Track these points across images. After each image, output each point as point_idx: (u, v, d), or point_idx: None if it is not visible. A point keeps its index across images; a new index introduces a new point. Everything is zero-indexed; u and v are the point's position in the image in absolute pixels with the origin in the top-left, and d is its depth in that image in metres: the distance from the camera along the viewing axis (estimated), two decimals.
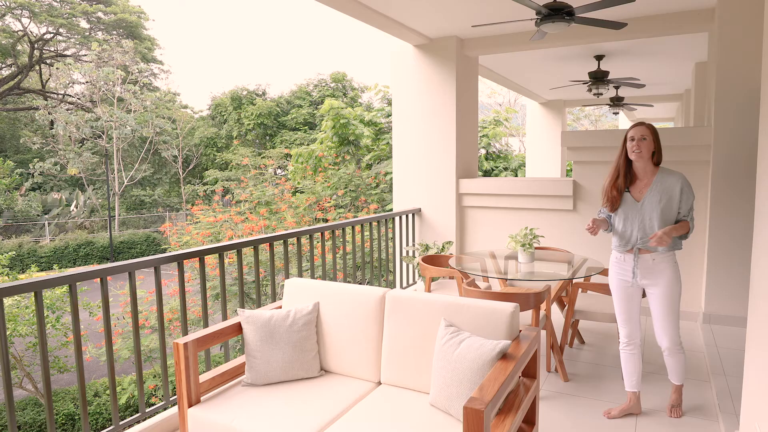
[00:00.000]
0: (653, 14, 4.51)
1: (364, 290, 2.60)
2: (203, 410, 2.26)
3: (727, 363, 3.54)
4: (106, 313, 2.54)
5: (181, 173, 26.45)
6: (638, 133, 2.69)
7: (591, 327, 4.44)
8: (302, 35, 67.88)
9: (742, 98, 4.06)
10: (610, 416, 2.92)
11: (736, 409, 2.86)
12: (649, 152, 2.69)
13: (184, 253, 2.97)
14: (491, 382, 1.82)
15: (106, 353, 2.58)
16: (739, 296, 4.20)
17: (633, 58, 6.58)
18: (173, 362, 7.06)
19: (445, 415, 2.16)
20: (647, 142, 2.67)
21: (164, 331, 2.87)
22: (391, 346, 2.46)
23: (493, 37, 5.23)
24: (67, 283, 2.36)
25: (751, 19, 4.00)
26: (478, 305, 2.30)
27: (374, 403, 2.30)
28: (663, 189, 2.68)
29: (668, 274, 2.73)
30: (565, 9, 3.57)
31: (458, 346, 2.14)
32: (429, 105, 5.45)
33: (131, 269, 2.66)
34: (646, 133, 2.68)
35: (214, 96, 28.47)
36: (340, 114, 12.01)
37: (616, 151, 2.82)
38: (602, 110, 26.90)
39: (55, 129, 22.94)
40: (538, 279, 3.45)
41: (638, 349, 2.91)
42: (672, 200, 2.67)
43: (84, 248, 20.36)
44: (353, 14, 4.49)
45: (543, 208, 5.12)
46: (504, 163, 13.00)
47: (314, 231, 4.01)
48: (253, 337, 2.49)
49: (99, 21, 27.51)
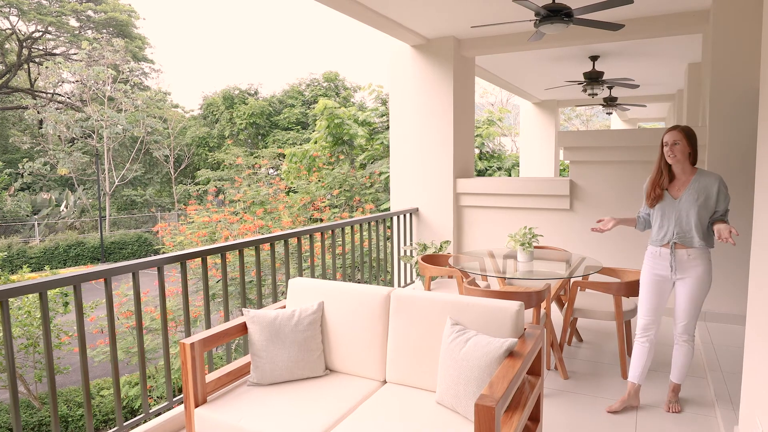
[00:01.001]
0: (649, 15, 4.56)
1: (368, 289, 2.61)
2: (210, 410, 2.26)
3: (723, 360, 3.59)
4: (110, 314, 2.53)
5: (173, 173, 26.29)
6: (671, 138, 2.80)
7: (588, 325, 4.48)
8: (294, 35, 67.72)
9: (736, 99, 4.12)
10: (611, 410, 2.99)
11: (733, 404, 2.91)
12: (684, 155, 2.80)
13: (187, 253, 2.96)
14: (501, 379, 1.84)
15: (111, 353, 2.58)
16: (734, 294, 4.26)
17: (627, 58, 6.64)
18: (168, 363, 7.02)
19: (452, 413, 2.18)
20: (680, 146, 2.79)
21: (167, 332, 2.86)
22: (397, 344, 2.48)
23: (490, 37, 5.26)
24: (72, 284, 2.35)
25: (745, 21, 4.05)
26: (484, 304, 2.32)
27: (381, 401, 2.31)
28: (700, 188, 2.79)
29: (700, 271, 2.82)
30: (563, 10, 3.61)
31: (465, 344, 2.16)
32: (426, 105, 5.48)
33: (135, 269, 2.65)
34: (678, 137, 2.79)
35: (206, 95, 28.34)
36: (334, 114, 12.02)
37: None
38: (593, 110, 27.11)
39: (45, 128, 22.70)
40: (538, 278, 3.49)
41: (652, 344, 2.98)
42: (709, 199, 2.77)
43: (74, 249, 20.18)
44: (352, 14, 4.50)
45: (540, 207, 5.16)
46: (497, 163, 13.07)
47: (315, 231, 4.02)
48: (258, 337, 2.50)
49: (89, 19, 27.28)
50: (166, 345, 2.86)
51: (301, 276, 3.81)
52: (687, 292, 2.86)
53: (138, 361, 2.79)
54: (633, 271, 3.68)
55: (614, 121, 14.69)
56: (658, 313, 2.99)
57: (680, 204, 2.82)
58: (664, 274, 2.92)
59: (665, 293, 2.97)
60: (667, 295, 2.98)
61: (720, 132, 4.19)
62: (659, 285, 2.95)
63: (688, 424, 2.86)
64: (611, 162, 4.83)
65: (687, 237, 2.81)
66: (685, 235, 2.82)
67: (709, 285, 2.87)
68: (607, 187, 4.87)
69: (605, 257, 4.82)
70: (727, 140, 4.15)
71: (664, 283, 2.94)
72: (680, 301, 2.90)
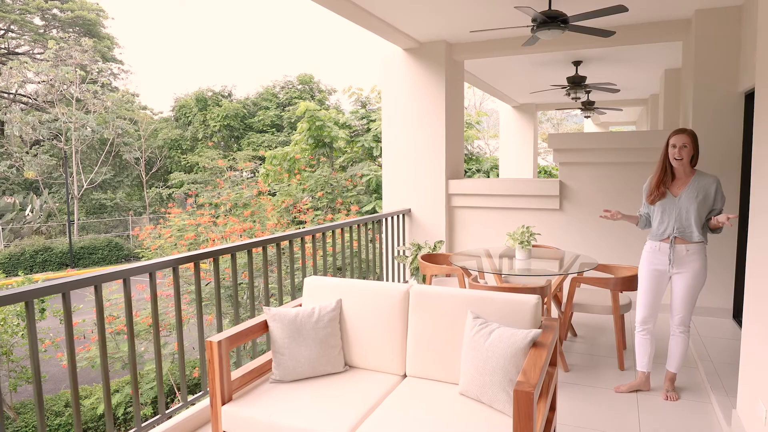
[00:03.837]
0: (634, 23, 4.77)
1: (387, 286, 2.67)
2: (238, 407, 2.28)
3: (712, 351, 3.80)
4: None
5: (144, 176, 25.73)
6: (680, 141, 2.96)
7: (581, 320, 4.64)
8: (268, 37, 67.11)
9: (718, 103, 4.36)
10: (619, 390, 3.20)
11: (727, 391, 3.08)
12: (689, 158, 2.97)
13: (201, 252, 2.97)
14: (532, 367, 1.93)
15: (129, 356, 2.56)
16: (717, 289, 4.50)
17: (607, 64, 6.90)
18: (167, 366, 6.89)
19: (476, 403, 2.26)
20: (688, 149, 2.95)
21: (182, 332, 2.86)
22: (416, 339, 2.55)
23: (481, 42, 5.39)
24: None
25: (725, 30, 4.30)
26: (503, 297, 2.41)
27: (404, 394, 2.37)
28: (699, 187, 2.97)
29: (697, 266, 3.00)
30: (560, 17, 3.75)
31: (489, 336, 2.24)
32: (419, 108, 5.57)
33: (152, 269, 2.65)
34: (686, 141, 2.95)
35: (178, 97, 27.83)
36: (315, 116, 12.02)
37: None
38: (564, 113, 27.80)
39: (11, 130, 21.88)
40: (541, 274, 3.61)
41: (652, 335, 3.17)
42: (708, 197, 2.95)
43: (41, 254, 19.55)
44: (348, 16, 4.54)
45: (530, 207, 5.31)
46: (476, 165, 13.30)
47: (316, 231, 4.06)
48: (280, 335, 2.53)
49: (54, 18, 26.48)
50: (182, 347, 2.85)
51: (292, 277, 3.83)
52: (684, 286, 3.03)
53: (155, 361, 2.78)
54: (627, 267, 3.85)
55: (587, 124, 15.12)
56: (656, 306, 3.16)
57: (680, 201, 3.00)
58: (662, 268, 3.09)
59: (663, 287, 3.14)
60: (664, 288, 3.14)
61: (703, 135, 4.41)
62: (657, 279, 3.12)
63: (686, 411, 3.01)
64: (599, 163, 5.02)
65: (686, 232, 2.98)
66: (684, 230, 2.99)
67: (704, 279, 3.04)
68: (595, 187, 5.06)
69: (594, 255, 4.99)
70: (711, 142, 4.38)
71: (662, 277, 3.11)
72: (677, 294, 3.07)
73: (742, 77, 4.17)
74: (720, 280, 4.48)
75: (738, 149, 4.36)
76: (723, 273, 4.48)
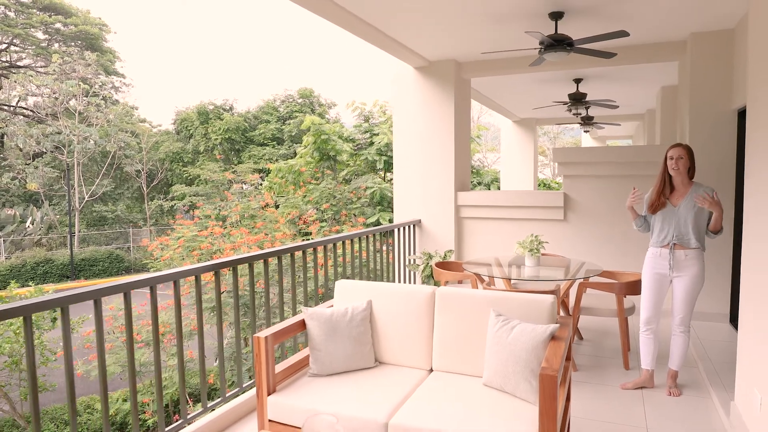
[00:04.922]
0: (633, 45, 5.08)
1: (414, 288, 2.91)
2: (283, 397, 2.50)
3: (710, 351, 4.04)
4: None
5: (145, 188, 25.92)
6: (676, 153, 3.23)
7: (587, 325, 4.88)
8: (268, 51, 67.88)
9: (713, 119, 4.66)
10: (625, 387, 3.43)
11: (725, 387, 3.32)
12: (685, 168, 3.24)
13: (236, 259, 3.20)
14: (553, 355, 2.16)
15: (155, 363, 2.77)
16: (716, 295, 4.75)
17: (606, 81, 7.22)
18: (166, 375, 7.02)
19: (499, 393, 2.49)
20: (684, 161, 3.22)
21: (222, 336, 3.08)
22: (442, 336, 2.78)
23: (489, 61, 5.69)
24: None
25: (718, 52, 4.61)
26: (522, 297, 2.65)
27: (433, 386, 2.60)
28: (697, 197, 3.21)
29: (696, 270, 3.25)
30: (566, 40, 4.04)
31: (511, 331, 2.48)
32: (429, 124, 5.85)
33: (176, 278, 2.87)
34: (682, 153, 3.23)
35: (179, 110, 28.13)
36: (320, 130, 12.31)
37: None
38: (561, 128, 28.26)
39: (15, 142, 22.07)
40: (552, 279, 3.85)
41: (655, 335, 3.42)
42: (704, 207, 3.19)
43: (42, 266, 19.66)
44: (363, 36, 4.79)
45: (536, 218, 5.57)
46: (477, 178, 13.60)
47: (337, 240, 4.31)
48: (317, 332, 2.75)
49: (57, 32, 26.83)
50: (223, 350, 3.07)
51: (306, 286, 4.06)
52: (684, 288, 3.28)
53: (198, 358, 2.98)
54: (630, 273, 4.10)
55: (585, 138, 15.48)
56: (658, 308, 3.41)
57: (679, 211, 3.26)
58: (663, 272, 3.34)
59: (664, 289, 3.39)
60: (665, 290, 3.39)
61: (699, 148, 4.69)
62: (659, 282, 3.37)
63: (688, 405, 3.25)
64: (601, 176, 5.30)
65: (685, 239, 3.24)
66: (683, 237, 3.25)
67: (702, 283, 3.30)
68: (597, 199, 5.33)
69: (597, 263, 5.24)
70: (707, 155, 4.66)
71: (664, 280, 3.36)
72: (678, 296, 3.32)
73: (735, 96, 4.47)
74: (717, 286, 4.74)
75: (732, 162, 4.64)
76: (720, 280, 4.74)
